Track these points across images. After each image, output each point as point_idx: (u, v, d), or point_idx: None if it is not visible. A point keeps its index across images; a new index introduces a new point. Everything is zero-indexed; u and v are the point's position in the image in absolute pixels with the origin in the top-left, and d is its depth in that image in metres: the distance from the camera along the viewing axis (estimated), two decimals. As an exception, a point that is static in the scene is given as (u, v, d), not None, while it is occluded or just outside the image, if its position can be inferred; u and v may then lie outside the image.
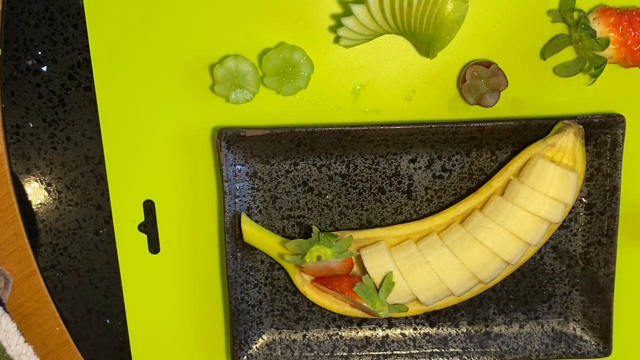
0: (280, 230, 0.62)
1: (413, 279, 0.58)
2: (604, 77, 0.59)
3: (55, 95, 0.61)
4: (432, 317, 0.63)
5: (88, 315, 0.64)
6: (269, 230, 0.61)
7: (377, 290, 0.59)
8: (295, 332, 0.64)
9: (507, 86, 0.59)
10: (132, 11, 0.59)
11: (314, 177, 0.61)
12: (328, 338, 0.64)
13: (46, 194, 0.62)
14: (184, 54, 0.60)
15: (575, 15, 0.57)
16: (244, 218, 0.60)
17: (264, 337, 0.63)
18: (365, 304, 0.59)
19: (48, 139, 0.61)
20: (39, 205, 0.62)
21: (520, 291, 0.63)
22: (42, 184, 0.62)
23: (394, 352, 0.63)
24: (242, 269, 0.61)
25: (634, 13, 0.56)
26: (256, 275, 0.63)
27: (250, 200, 0.61)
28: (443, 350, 0.63)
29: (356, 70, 0.60)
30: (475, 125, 0.59)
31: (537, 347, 0.63)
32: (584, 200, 0.61)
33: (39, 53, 0.60)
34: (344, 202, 0.62)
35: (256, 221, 0.61)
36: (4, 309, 0.58)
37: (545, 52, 0.59)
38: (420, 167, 0.61)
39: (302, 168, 0.61)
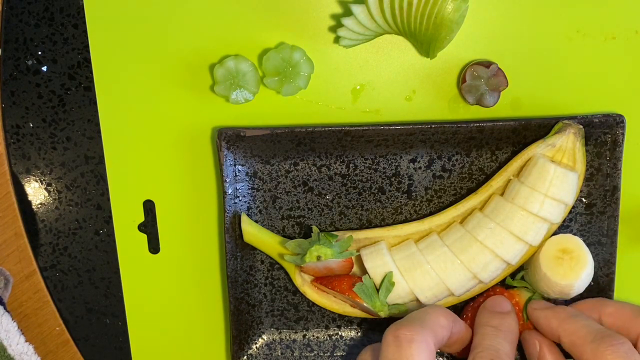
0: (280, 230, 0.62)
1: (413, 279, 0.58)
2: (604, 77, 0.59)
3: (55, 95, 0.61)
4: (432, 317, 0.63)
5: (88, 315, 0.64)
6: (269, 230, 0.61)
7: (377, 290, 0.59)
8: (295, 332, 0.63)
9: (507, 86, 0.59)
10: (132, 11, 0.59)
11: (314, 177, 0.61)
12: (328, 338, 0.64)
13: (46, 194, 0.62)
14: (184, 54, 0.60)
15: None
16: (244, 218, 0.60)
17: (264, 337, 0.63)
18: (365, 304, 0.59)
19: (48, 139, 0.61)
20: (39, 205, 0.62)
21: (520, 291, 0.63)
22: (42, 184, 0.62)
23: (394, 352, 0.63)
24: (242, 269, 0.61)
25: None
26: (256, 275, 0.63)
27: (250, 200, 0.61)
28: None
29: (356, 70, 0.60)
30: (475, 125, 0.59)
31: (537, 347, 0.63)
32: (584, 200, 0.61)
33: (39, 53, 0.60)
34: (344, 202, 0.62)
35: (256, 221, 0.61)
36: (4, 308, 0.58)
37: None
38: (420, 167, 0.61)
39: (302, 168, 0.61)
